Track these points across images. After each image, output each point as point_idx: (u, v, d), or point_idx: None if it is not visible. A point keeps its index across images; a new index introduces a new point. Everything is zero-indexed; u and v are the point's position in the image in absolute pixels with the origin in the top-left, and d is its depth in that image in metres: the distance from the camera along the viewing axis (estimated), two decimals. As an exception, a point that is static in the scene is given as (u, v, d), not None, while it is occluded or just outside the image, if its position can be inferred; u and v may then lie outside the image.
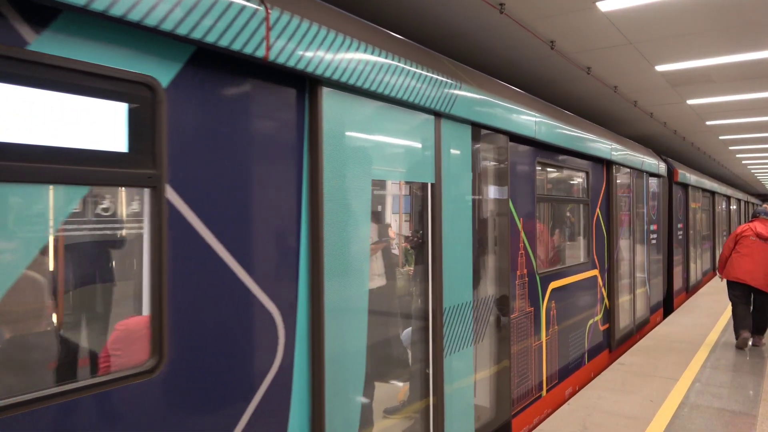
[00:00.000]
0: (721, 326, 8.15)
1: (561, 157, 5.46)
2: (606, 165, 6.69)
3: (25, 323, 2.16)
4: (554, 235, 6.13)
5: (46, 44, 1.69)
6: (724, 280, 7.02)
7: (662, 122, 10.64)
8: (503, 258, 4.25)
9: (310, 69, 2.41)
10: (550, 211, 6.24)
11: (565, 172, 6.17)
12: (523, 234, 4.59)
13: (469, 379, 3.75)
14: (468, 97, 3.67)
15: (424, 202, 3.40)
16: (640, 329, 7.99)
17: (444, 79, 3.41)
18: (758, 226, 6.83)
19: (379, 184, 3.73)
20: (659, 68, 6.72)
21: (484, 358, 4.06)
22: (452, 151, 3.59)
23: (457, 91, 3.54)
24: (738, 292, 6.73)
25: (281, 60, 2.28)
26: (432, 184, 3.37)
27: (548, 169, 5.73)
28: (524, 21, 5.02)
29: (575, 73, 6.81)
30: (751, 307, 6.79)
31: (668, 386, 5.39)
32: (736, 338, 6.74)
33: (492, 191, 4.22)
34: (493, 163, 4.24)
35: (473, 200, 3.83)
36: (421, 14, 4.85)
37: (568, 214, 6.66)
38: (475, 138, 3.87)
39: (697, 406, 4.85)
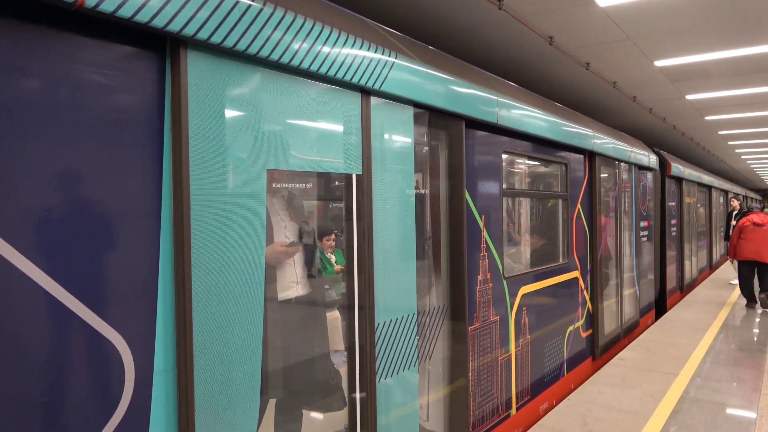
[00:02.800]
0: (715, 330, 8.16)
1: (533, 147, 4.92)
2: (588, 156, 6.15)
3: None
4: (526, 234, 5.84)
5: None
6: (735, 262, 9.45)
7: (661, 118, 10.63)
8: (457, 261, 3.67)
9: (158, 23, 1.85)
10: (526, 207, 5.91)
11: (539, 163, 5.69)
12: (485, 233, 4.02)
13: (414, 404, 3.23)
14: (407, 71, 3.08)
15: (347, 197, 2.83)
16: (628, 333, 7.51)
17: (372, 49, 2.82)
18: (753, 218, 9.09)
19: (301, 177, 3.15)
20: (658, 63, 6.72)
21: (436, 378, 3.56)
22: (387, 136, 3.01)
23: (392, 63, 2.95)
24: (747, 268, 9.11)
25: (106, 8, 1.69)
26: (358, 176, 2.82)
27: (518, 160, 5.31)
28: (523, 16, 5.01)
29: (574, 69, 6.81)
30: (755, 277, 9.17)
31: (668, 381, 5.39)
32: (747, 301, 9.24)
33: (442, 185, 3.67)
34: (444, 152, 3.70)
35: (417, 195, 3.34)
36: (418, 9, 4.84)
37: (541, 210, 6.19)
38: (420, 122, 3.39)
39: (697, 400, 4.86)
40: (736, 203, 12.04)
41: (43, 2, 1.61)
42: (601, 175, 6.56)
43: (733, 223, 10.95)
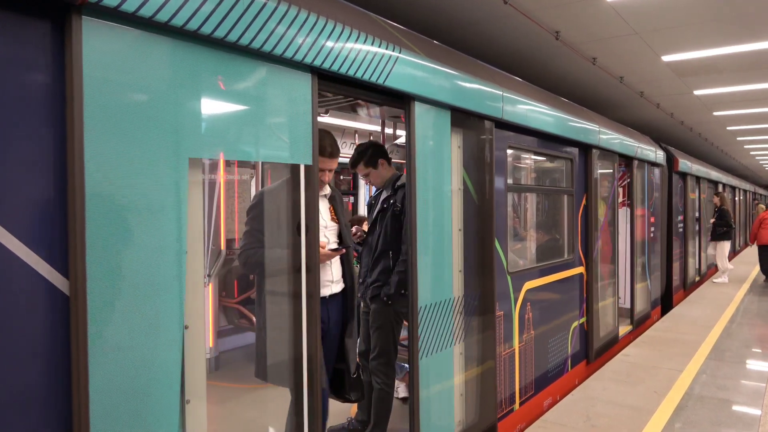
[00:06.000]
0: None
1: (538, 142, 4.93)
2: (593, 151, 6.04)
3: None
4: (531, 229, 5.80)
5: None
6: (755, 245, 12.00)
7: (669, 113, 10.56)
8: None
9: None
10: (531, 203, 5.87)
11: (545, 159, 5.67)
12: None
13: (450, 381, 3.46)
14: (445, 76, 3.25)
15: (294, 191, 2.60)
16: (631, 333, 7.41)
17: (415, 57, 2.91)
18: None
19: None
20: (665, 58, 6.66)
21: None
22: (428, 138, 3.22)
23: (433, 69, 3.14)
24: (766, 252, 11.59)
25: None
26: (308, 167, 2.54)
27: (523, 155, 5.30)
28: (529, 11, 4.98)
29: (581, 64, 6.77)
30: None
31: (673, 377, 5.38)
32: (765, 278, 11.80)
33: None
34: (468, 150, 3.83)
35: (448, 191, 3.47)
36: (423, 3, 4.82)
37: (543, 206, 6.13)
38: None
39: (702, 397, 4.85)
40: (717, 200, 12.00)
41: None
42: (605, 171, 6.48)
43: (712, 220, 11.70)
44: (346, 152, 6.46)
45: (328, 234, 3.17)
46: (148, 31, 1.87)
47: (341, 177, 8.15)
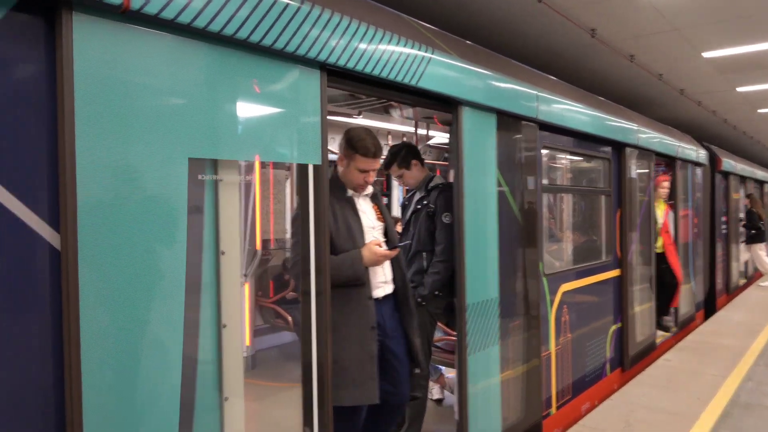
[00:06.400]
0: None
1: (574, 142, 4.85)
2: (632, 151, 5.88)
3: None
4: (566, 231, 5.72)
5: None
6: None
7: (711, 111, 10.24)
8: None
9: None
10: (566, 203, 5.78)
11: (581, 159, 5.57)
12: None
13: (496, 378, 3.54)
14: (491, 79, 3.36)
15: (302, 192, 2.52)
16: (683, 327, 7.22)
17: (465, 64, 3.01)
18: None
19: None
20: (706, 55, 6.48)
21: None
22: (475, 141, 3.28)
23: (480, 73, 3.24)
24: None
25: None
26: (317, 166, 2.47)
27: (558, 155, 5.21)
28: (563, 9, 4.92)
29: (618, 61, 6.64)
30: None
31: (717, 384, 5.20)
32: None
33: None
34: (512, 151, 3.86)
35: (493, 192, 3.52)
36: (456, 2, 4.81)
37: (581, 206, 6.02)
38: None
39: (748, 405, 4.67)
40: (747, 202, 11.56)
41: None
42: (645, 172, 6.31)
43: (742, 223, 11.13)
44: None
45: (376, 234, 3.05)
46: (144, 26, 1.83)
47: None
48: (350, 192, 2.97)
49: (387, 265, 3.07)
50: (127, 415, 1.81)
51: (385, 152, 3.59)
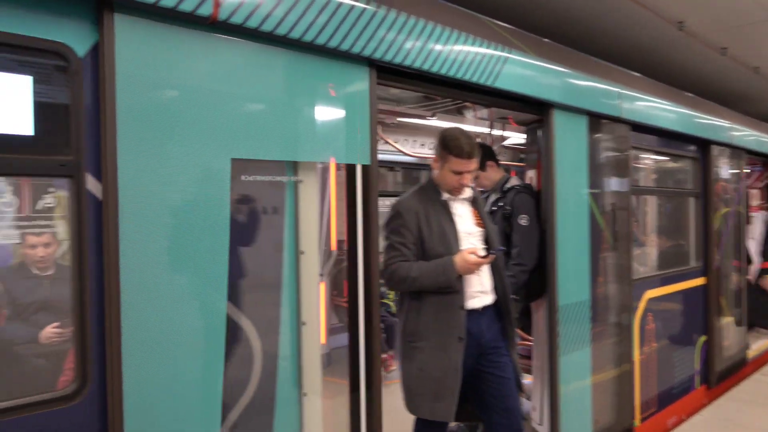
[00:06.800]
0: None
1: (660, 140, 4.65)
2: (723, 150, 5.56)
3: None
4: (651, 234, 5.38)
5: None
6: None
7: (816, 105, 9.42)
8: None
9: None
10: (651, 206, 5.49)
11: (668, 158, 5.30)
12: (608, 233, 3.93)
13: (586, 380, 3.52)
14: (581, 78, 3.44)
15: (349, 193, 2.46)
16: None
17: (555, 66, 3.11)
18: None
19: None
20: (811, 44, 5.96)
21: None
22: (567, 143, 3.33)
23: (569, 74, 3.27)
24: None
25: None
26: (366, 167, 2.42)
27: (646, 155, 4.98)
28: (647, 1, 4.69)
29: (708, 55, 6.23)
30: None
31: (823, 402, 4.77)
32: None
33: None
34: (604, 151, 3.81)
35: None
36: (536, 1, 4.70)
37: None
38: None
39: None
40: None
41: None
42: (741, 172, 5.89)
43: None
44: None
45: (473, 241, 2.79)
46: (186, 27, 1.84)
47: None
48: (445, 195, 2.79)
49: (485, 273, 2.78)
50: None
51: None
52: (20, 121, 1.60)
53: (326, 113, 2.26)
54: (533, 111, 3.34)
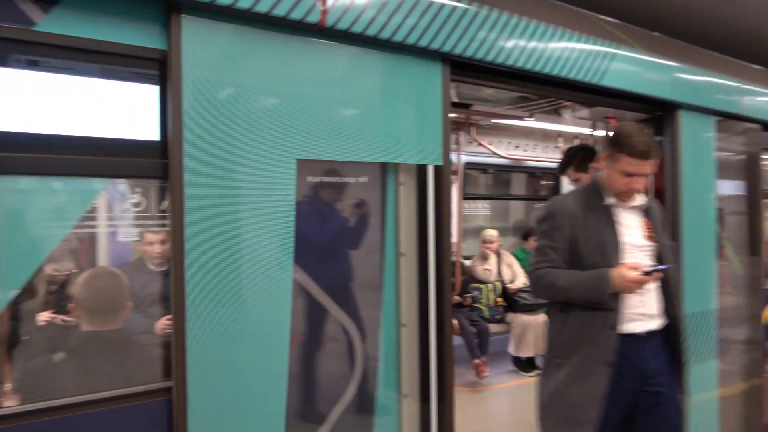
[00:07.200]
0: None
1: None
2: None
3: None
4: None
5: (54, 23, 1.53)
6: None
7: None
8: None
9: None
10: None
11: None
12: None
13: (713, 393, 3.40)
14: (709, 78, 3.28)
15: (421, 196, 2.36)
16: None
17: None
18: None
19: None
20: None
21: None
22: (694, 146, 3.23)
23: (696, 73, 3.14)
24: None
25: None
26: (438, 167, 2.32)
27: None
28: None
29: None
30: None
31: None
32: None
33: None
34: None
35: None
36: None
37: None
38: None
39: None
40: None
41: None
42: None
43: None
44: (546, 156, 6.28)
45: (640, 256, 2.41)
46: (256, 26, 1.84)
47: (542, 182, 7.85)
48: (610, 200, 2.43)
49: (652, 294, 2.42)
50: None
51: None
52: (148, 128, 1.72)
53: (396, 112, 2.19)
54: (645, 110, 3.21)
